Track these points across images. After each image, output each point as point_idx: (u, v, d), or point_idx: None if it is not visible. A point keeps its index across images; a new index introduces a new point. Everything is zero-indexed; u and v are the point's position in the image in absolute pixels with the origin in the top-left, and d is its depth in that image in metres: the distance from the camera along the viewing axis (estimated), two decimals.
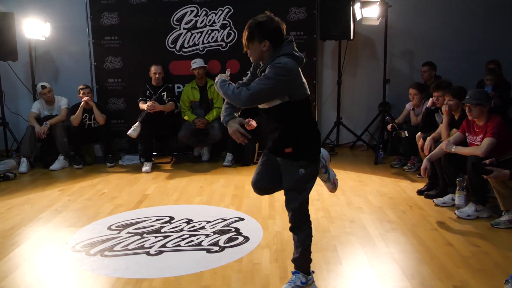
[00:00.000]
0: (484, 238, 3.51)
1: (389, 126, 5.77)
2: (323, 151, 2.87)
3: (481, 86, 5.76)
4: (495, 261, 3.12)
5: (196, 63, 6.17)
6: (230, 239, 3.56)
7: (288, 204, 2.70)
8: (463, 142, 4.22)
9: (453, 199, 4.20)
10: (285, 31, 2.63)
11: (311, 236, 2.72)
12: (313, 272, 2.81)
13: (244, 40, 2.58)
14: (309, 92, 2.60)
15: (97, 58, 6.57)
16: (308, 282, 2.74)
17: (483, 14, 6.65)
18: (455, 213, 4.01)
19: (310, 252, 2.73)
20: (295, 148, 2.56)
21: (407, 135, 5.51)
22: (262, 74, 2.52)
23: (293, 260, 2.76)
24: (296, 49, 2.60)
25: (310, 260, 2.75)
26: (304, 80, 2.56)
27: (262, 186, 2.82)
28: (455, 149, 4.07)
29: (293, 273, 2.76)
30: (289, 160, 2.59)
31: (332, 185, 3.00)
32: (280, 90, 2.46)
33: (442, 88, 4.72)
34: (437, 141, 4.58)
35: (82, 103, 5.99)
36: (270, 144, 2.70)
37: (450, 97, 4.44)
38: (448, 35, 6.70)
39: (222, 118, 2.70)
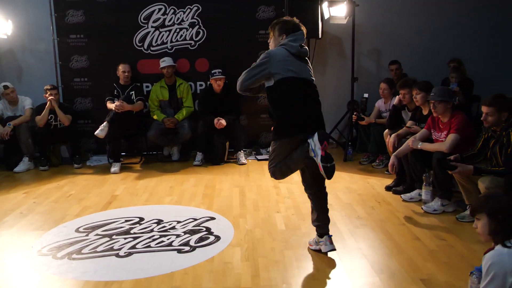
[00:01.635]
0: (449, 232, 3.61)
1: (354, 117, 5.88)
2: (315, 136, 2.94)
3: (446, 83, 5.91)
4: (460, 254, 3.21)
5: (165, 61, 6.11)
6: (201, 239, 3.54)
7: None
8: (429, 139, 4.32)
9: (420, 195, 4.30)
10: (303, 28, 3.25)
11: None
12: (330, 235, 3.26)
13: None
14: (294, 75, 3.01)
15: (62, 57, 6.41)
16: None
17: (447, 13, 6.81)
18: (422, 208, 4.11)
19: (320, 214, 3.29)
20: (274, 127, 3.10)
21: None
22: None
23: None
24: (296, 41, 3.13)
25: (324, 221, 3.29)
26: (291, 66, 3.02)
27: None
28: (421, 145, 4.16)
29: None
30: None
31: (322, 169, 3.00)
32: (261, 72, 3.04)
33: (408, 86, 4.83)
34: (402, 138, 4.67)
35: (48, 103, 5.84)
36: None
37: (418, 91, 4.55)
38: (414, 34, 6.84)
39: None
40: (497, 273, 1.89)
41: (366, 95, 5.96)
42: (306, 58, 3.20)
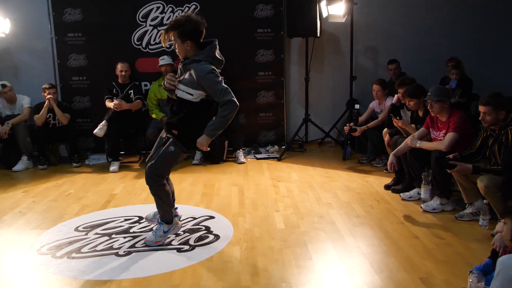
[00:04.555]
0: (448, 230, 3.62)
1: (346, 129, 5.86)
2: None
3: (445, 82, 5.92)
4: (458, 252, 3.22)
5: (164, 59, 6.10)
6: (200, 238, 3.54)
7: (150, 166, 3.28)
8: (427, 138, 4.33)
9: (419, 193, 4.30)
10: (204, 29, 3.10)
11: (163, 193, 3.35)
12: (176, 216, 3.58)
13: (163, 38, 3.09)
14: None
15: (60, 56, 6.41)
16: (170, 230, 3.44)
17: (445, 10, 6.82)
18: (421, 207, 4.11)
19: (166, 205, 3.38)
20: (179, 133, 3.19)
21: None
22: (186, 69, 3.15)
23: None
24: (219, 53, 3.16)
25: (168, 211, 3.42)
26: None
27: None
28: (419, 144, 4.17)
29: (158, 223, 3.44)
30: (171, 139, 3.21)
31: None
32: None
33: (406, 84, 4.83)
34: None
35: (47, 102, 5.83)
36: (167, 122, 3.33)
37: (409, 99, 4.57)
38: (411, 31, 6.85)
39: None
40: (506, 278, 1.87)
41: (357, 107, 5.96)
42: None
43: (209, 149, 3.17)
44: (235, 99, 3.06)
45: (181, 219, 3.86)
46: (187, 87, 3.14)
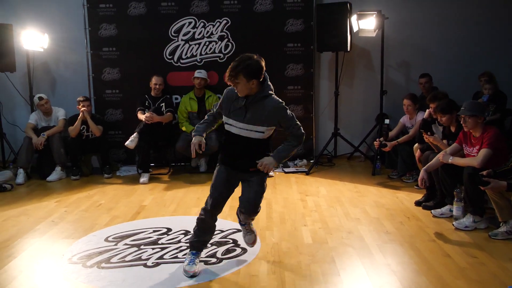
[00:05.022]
0: (482, 249, 3.51)
1: (376, 144, 5.79)
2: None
3: (477, 97, 5.80)
4: (492, 272, 3.12)
5: (201, 73, 6.20)
6: (227, 251, 3.55)
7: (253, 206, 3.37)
8: (460, 153, 4.23)
9: (451, 210, 4.20)
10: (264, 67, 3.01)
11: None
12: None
13: (231, 78, 2.94)
14: None
15: (95, 69, 6.59)
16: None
17: (477, 25, 6.70)
18: (453, 224, 4.01)
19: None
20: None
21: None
22: (254, 106, 3.03)
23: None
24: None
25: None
26: None
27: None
28: (451, 159, 4.08)
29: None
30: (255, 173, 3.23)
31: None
32: None
33: (438, 99, 4.76)
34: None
35: (81, 114, 6.00)
36: (237, 163, 3.26)
37: (441, 114, 4.49)
38: (443, 46, 6.75)
39: (194, 131, 3.38)
40: None
41: (387, 121, 5.89)
42: None
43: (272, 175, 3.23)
44: (303, 136, 3.21)
45: None
46: (255, 125, 3.03)
